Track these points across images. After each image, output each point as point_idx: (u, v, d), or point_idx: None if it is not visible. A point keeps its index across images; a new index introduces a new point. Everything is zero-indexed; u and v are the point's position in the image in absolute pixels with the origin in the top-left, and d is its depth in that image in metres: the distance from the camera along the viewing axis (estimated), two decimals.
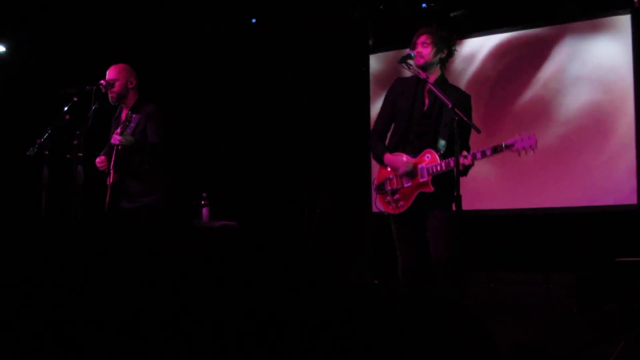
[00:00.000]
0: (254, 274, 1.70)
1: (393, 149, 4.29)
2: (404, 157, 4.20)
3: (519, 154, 4.03)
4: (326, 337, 1.63)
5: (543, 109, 6.83)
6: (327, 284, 1.73)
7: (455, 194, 3.84)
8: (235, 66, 7.87)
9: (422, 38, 4.24)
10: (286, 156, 7.79)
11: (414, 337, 1.77)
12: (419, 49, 4.22)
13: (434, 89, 4.10)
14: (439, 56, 4.25)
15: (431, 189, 4.11)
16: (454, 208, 3.96)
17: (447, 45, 4.27)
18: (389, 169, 4.30)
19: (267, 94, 7.87)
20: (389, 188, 4.27)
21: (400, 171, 4.19)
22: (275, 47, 7.79)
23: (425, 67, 4.23)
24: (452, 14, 7.11)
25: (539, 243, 6.54)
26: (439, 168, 4.08)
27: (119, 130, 4.52)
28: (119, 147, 4.55)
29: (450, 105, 3.91)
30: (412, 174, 4.17)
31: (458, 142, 3.87)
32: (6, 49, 7.06)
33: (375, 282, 6.25)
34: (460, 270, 4.19)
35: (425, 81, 4.18)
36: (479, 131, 3.98)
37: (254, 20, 7.69)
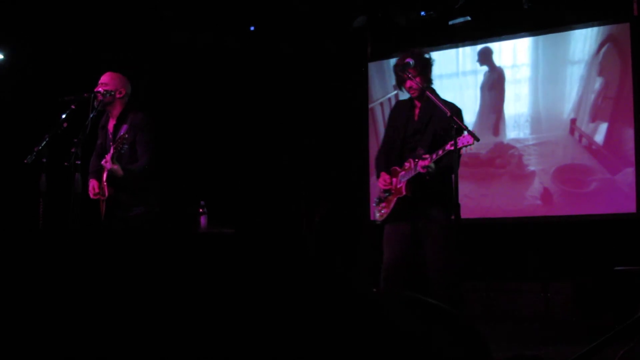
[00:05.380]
0: (251, 281, 1.69)
1: (393, 164, 4.56)
2: (388, 177, 4.51)
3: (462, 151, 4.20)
4: (324, 344, 1.62)
5: (541, 116, 6.84)
6: (326, 291, 1.72)
7: (452, 201, 3.97)
8: (234, 74, 7.88)
9: (409, 72, 4.41)
10: (285, 164, 7.79)
11: (412, 346, 1.77)
12: (409, 83, 4.44)
13: (433, 97, 4.28)
14: (427, 77, 4.47)
15: (403, 193, 4.39)
16: (451, 217, 4.17)
17: (427, 63, 4.48)
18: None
19: (266, 102, 7.88)
20: (377, 197, 4.64)
21: (382, 188, 4.56)
22: (275, 56, 7.79)
23: (421, 93, 4.45)
24: (450, 22, 7.12)
25: (538, 252, 6.53)
26: (410, 174, 4.37)
27: (111, 151, 4.55)
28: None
29: (448, 113, 4.08)
30: (390, 191, 4.51)
31: (457, 148, 4.02)
32: (4, 56, 7.06)
33: (374, 290, 6.24)
34: (458, 278, 4.38)
35: (417, 98, 4.48)
36: (477, 139, 4.09)
37: (252, 28, 7.69)
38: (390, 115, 4.79)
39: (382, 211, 4.54)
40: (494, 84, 7.15)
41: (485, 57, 7.22)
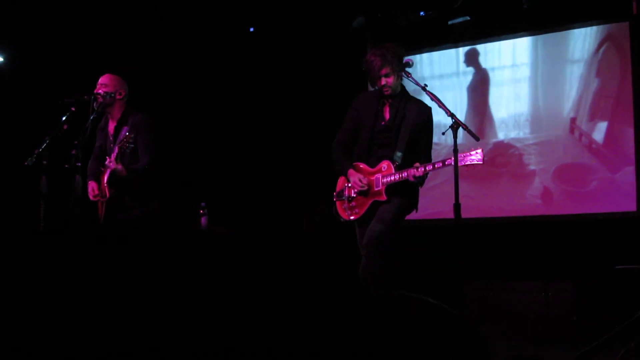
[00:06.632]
0: (251, 282, 1.69)
1: (357, 159, 4.47)
2: (362, 176, 4.36)
3: (467, 167, 4.18)
4: (324, 344, 1.63)
5: (541, 115, 6.84)
6: (326, 292, 1.73)
7: (454, 202, 3.96)
8: (234, 74, 7.88)
9: (384, 71, 4.33)
10: (285, 164, 7.78)
11: (411, 346, 1.77)
12: (384, 81, 4.34)
13: (432, 96, 4.22)
14: (400, 77, 4.39)
15: (384, 198, 4.29)
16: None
17: (401, 62, 4.37)
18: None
19: (266, 102, 7.87)
20: (346, 194, 4.49)
21: (356, 189, 4.38)
22: (275, 56, 7.79)
23: (394, 92, 4.38)
24: (450, 22, 7.12)
25: (538, 251, 6.53)
26: (393, 179, 4.26)
27: (115, 152, 4.55)
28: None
29: (448, 113, 4.06)
30: (366, 192, 4.36)
31: (456, 145, 4.03)
32: (4, 58, 7.06)
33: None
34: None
35: (388, 96, 4.38)
36: (477, 139, 4.18)
37: (251, 29, 7.69)
38: (354, 106, 4.60)
39: (355, 210, 4.44)
40: (478, 85, 7.16)
41: (471, 59, 7.22)
